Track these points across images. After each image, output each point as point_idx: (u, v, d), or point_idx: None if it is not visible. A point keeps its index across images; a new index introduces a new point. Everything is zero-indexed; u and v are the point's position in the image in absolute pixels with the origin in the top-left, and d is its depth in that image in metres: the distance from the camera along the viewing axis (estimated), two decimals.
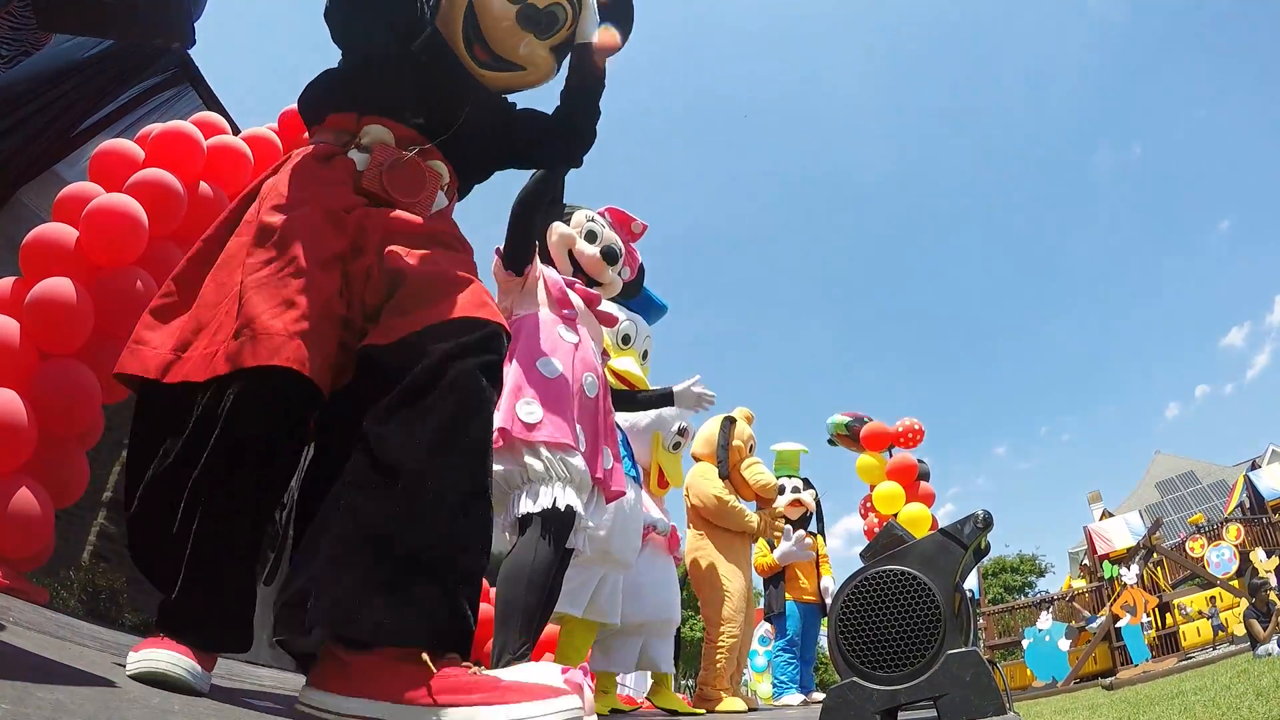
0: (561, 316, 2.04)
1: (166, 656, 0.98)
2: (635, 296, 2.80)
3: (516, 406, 1.75)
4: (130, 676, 0.96)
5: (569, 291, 2.10)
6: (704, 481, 3.69)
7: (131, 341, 1.16)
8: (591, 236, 2.31)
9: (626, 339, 2.95)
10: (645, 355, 3.04)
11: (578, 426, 1.86)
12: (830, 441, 6.52)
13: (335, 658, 1.01)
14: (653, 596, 2.90)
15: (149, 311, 1.19)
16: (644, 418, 3.11)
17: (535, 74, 1.59)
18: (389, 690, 0.96)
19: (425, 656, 0.96)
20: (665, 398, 2.67)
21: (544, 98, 1.76)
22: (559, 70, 1.63)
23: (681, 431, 3.14)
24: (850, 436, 6.34)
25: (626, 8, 1.77)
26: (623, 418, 3.08)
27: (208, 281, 1.18)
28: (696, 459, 3.84)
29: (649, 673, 4.38)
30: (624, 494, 2.09)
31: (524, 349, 1.90)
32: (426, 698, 0.94)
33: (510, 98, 1.63)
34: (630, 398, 2.66)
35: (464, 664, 1.02)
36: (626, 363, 2.88)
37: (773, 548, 4.72)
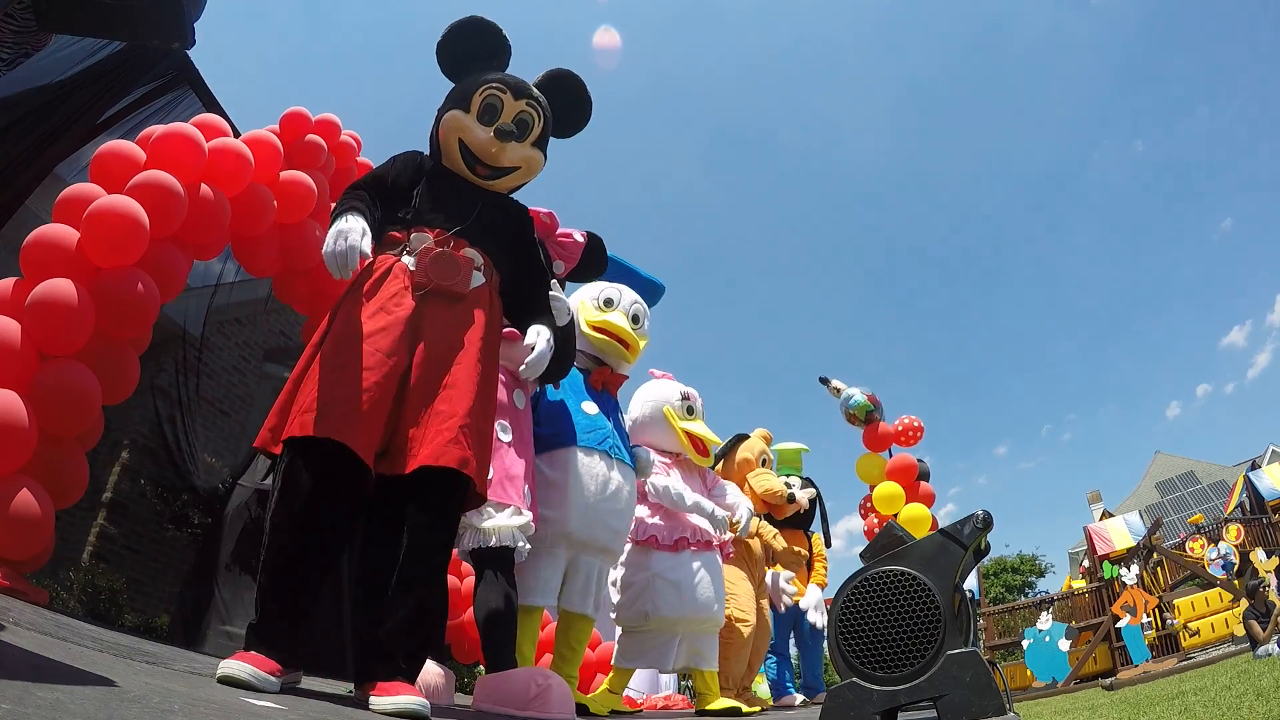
0: None
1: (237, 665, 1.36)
2: (601, 270, 2.72)
3: None
4: (217, 680, 1.32)
5: None
6: None
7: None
8: None
9: (609, 302, 2.89)
10: (637, 319, 2.94)
11: None
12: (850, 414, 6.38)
13: None
14: (689, 595, 2.92)
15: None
16: (642, 407, 3.25)
17: (529, 170, 2.05)
18: None
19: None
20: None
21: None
22: (546, 157, 2.08)
23: (686, 396, 3.28)
24: (864, 421, 6.22)
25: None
26: (636, 409, 3.24)
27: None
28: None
29: (659, 675, 4.38)
30: (510, 504, 2.16)
31: None
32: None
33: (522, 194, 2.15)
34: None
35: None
36: (614, 317, 2.85)
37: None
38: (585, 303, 2.85)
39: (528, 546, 2.18)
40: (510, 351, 2.34)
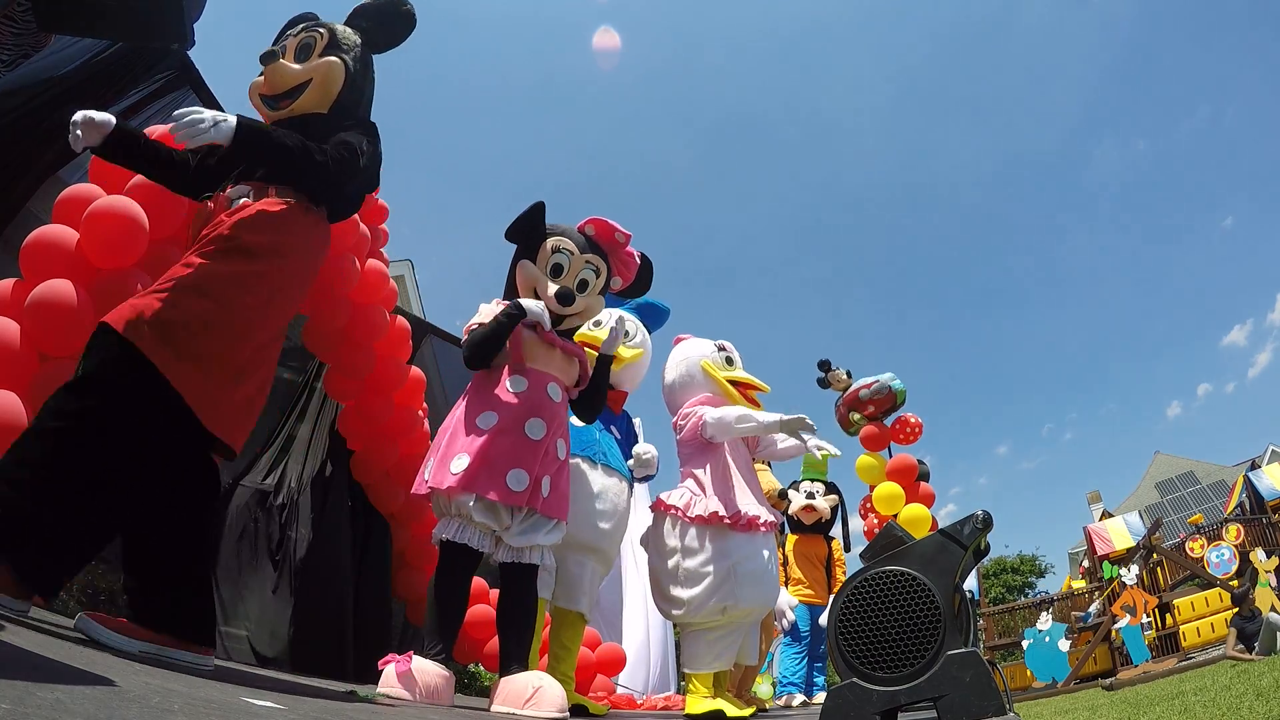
0: (513, 370, 2.27)
1: None
2: (644, 292, 2.82)
3: (451, 462, 2.10)
4: None
5: (525, 337, 2.30)
6: None
7: None
8: (556, 270, 2.42)
9: (597, 323, 2.90)
10: (627, 334, 3.00)
11: (515, 470, 2.10)
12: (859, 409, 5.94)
13: None
14: (767, 583, 2.74)
15: None
16: (676, 369, 3.13)
17: (325, 79, 2.02)
18: None
19: None
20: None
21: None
22: (350, 64, 2.07)
23: (721, 347, 3.14)
24: (895, 406, 5.95)
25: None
26: (671, 373, 3.16)
27: None
28: None
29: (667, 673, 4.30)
30: (561, 519, 2.25)
31: (470, 402, 2.23)
32: None
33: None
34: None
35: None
36: (598, 331, 2.82)
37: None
38: (589, 328, 2.86)
39: (553, 563, 2.30)
40: (568, 367, 2.40)
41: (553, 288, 2.38)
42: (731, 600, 2.62)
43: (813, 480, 5.08)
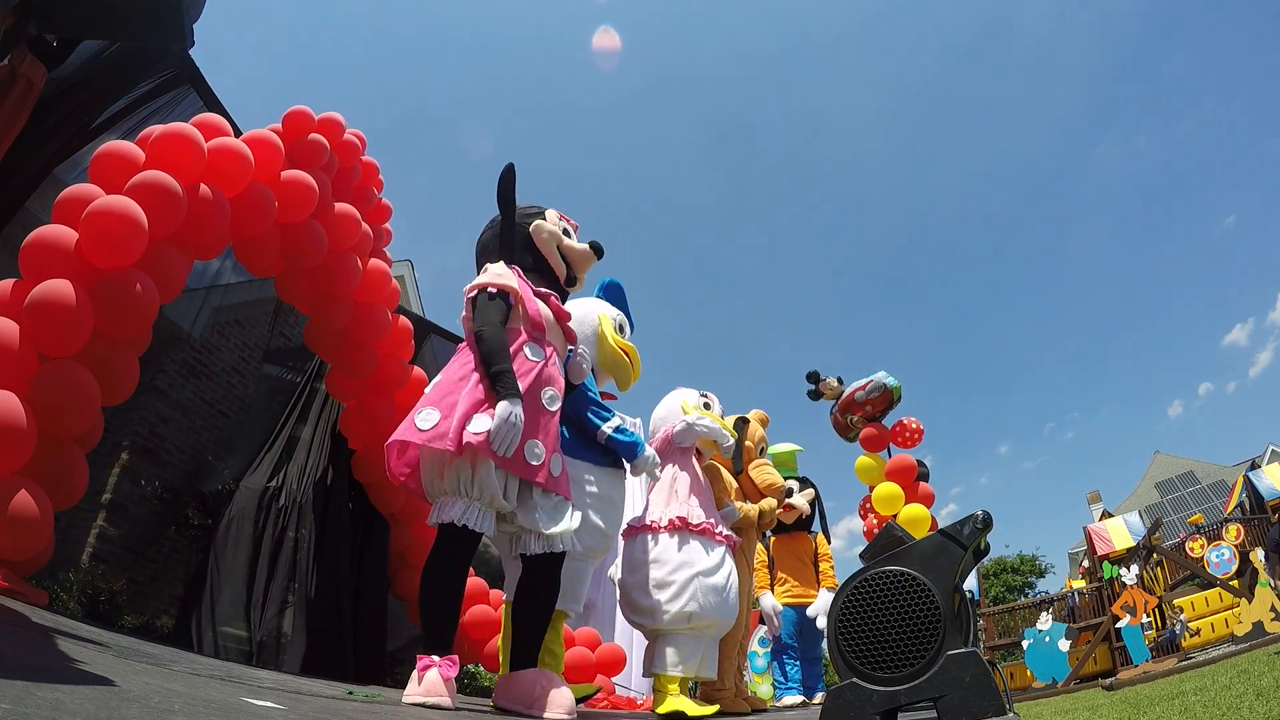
0: (531, 336, 2.16)
1: None
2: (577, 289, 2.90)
3: (471, 421, 1.89)
4: None
5: (542, 309, 2.23)
6: None
7: None
8: (566, 234, 2.48)
9: (622, 329, 3.02)
10: None
11: (532, 442, 1.99)
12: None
13: None
14: (729, 596, 2.87)
15: None
16: (662, 407, 3.43)
17: None
18: None
19: None
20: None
21: None
22: None
23: (704, 394, 3.48)
24: (893, 402, 5.97)
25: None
26: (659, 411, 3.43)
27: None
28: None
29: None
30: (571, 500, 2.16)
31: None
32: None
33: None
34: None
35: None
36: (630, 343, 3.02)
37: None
38: (607, 318, 2.91)
39: (580, 547, 2.25)
40: (562, 345, 2.35)
41: (580, 245, 2.45)
42: (696, 606, 2.74)
43: (785, 478, 5.06)
